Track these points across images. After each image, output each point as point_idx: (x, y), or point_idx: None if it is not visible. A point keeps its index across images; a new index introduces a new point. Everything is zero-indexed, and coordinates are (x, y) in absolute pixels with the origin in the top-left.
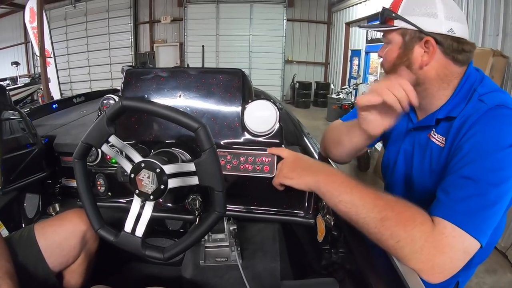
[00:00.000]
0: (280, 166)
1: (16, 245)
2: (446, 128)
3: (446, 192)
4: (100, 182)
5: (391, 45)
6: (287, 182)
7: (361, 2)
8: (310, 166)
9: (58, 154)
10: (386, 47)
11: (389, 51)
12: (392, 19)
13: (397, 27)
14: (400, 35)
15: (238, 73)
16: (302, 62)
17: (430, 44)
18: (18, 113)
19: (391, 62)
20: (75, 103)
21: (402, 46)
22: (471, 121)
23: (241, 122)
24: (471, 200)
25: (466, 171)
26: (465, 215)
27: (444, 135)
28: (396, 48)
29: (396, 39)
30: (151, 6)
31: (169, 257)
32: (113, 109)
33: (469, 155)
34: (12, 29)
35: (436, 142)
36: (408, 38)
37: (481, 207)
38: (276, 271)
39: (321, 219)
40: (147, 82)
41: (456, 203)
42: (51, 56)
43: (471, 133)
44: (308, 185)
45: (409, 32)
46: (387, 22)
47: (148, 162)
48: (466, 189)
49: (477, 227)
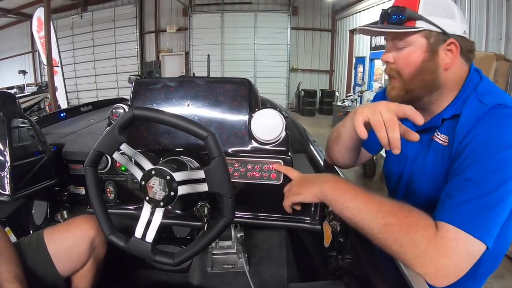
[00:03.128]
0: (288, 188)
1: (26, 250)
2: (449, 126)
3: (449, 196)
4: (110, 189)
5: (412, 49)
6: (296, 199)
7: (365, 10)
8: (316, 178)
9: (67, 162)
10: (401, 51)
11: (411, 55)
12: (413, 20)
13: (420, 28)
14: (424, 37)
15: (244, 83)
16: (307, 70)
17: (453, 46)
18: (28, 121)
19: (415, 67)
20: (82, 112)
21: (427, 49)
22: (472, 122)
23: (248, 130)
24: (473, 202)
25: (468, 173)
26: (467, 217)
27: (448, 134)
28: (420, 52)
29: (419, 42)
30: (156, 16)
31: (179, 262)
32: (125, 118)
33: (471, 156)
34: (20, 38)
35: (440, 141)
36: (433, 40)
37: (484, 208)
38: (283, 277)
39: (327, 225)
40: (156, 92)
41: (458, 206)
42: (58, 65)
43: (473, 134)
44: (315, 195)
45: (433, 34)
46: (405, 23)
47: (158, 170)
48: (468, 191)
49: (480, 228)
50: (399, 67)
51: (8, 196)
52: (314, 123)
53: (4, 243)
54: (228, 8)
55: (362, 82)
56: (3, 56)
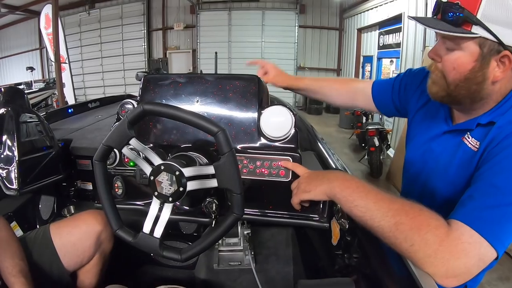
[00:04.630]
0: (296, 185)
1: (32, 245)
2: (482, 133)
3: (472, 198)
4: (118, 184)
5: (462, 54)
6: (306, 197)
7: (372, 8)
8: (325, 176)
9: (75, 157)
10: (451, 53)
11: (460, 60)
12: (470, 24)
13: (476, 35)
14: (477, 44)
15: (254, 79)
16: (314, 68)
17: (506, 59)
18: (36, 116)
19: (463, 74)
20: (90, 108)
21: (479, 58)
22: (507, 132)
23: (257, 127)
24: (497, 209)
25: (495, 180)
26: (487, 222)
27: (479, 139)
28: (471, 60)
29: (472, 49)
30: (164, 13)
31: (186, 258)
32: (135, 112)
33: (502, 163)
34: (27, 35)
35: (469, 145)
36: (486, 50)
37: (504, 218)
38: (289, 275)
39: (335, 223)
40: (165, 88)
41: (480, 210)
42: (66, 61)
43: (506, 144)
44: (325, 193)
45: (488, 43)
46: (461, 25)
47: (168, 165)
48: (494, 198)
49: (497, 237)
50: (446, 70)
51: (15, 190)
52: (321, 121)
53: (8, 237)
54: (235, 5)
55: None
56: (11, 52)
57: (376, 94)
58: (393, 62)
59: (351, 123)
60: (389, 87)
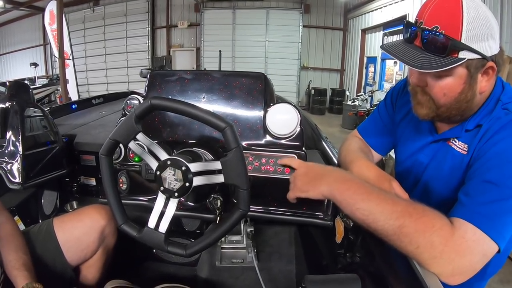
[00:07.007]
0: (293, 180)
1: (35, 238)
2: (470, 135)
3: (468, 195)
4: (122, 179)
5: (451, 80)
6: (303, 195)
7: (377, 9)
8: (323, 174)
9: (78, 152)
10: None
11: (450, 86)
12: (456, 51)
13: (463, 59)
14: (465, 67)
15: (260, 77)
16: (317, 68)
17: (490, 69)
18: (41, 110)
19: (453, 98)
20: (94, 104)
21: (467, 79)
22: (495, 128)
23: (263, 124)
24: (494, 204)
25: (489, 176)
26: (487, 218)
27: (467, 142)
28: (460, 83)
29: (460, 72)
30: (168, 11)
31: (191, 254)
32: (142, 107)
33: (493, 160)
34: (31, 31)
35: (457, 149)
36: (473, 69)
37: (503, 212)
38: (292, 273)
39: (339, 221)
40: (171, 84)
41: (478, 206)
42: (70, 58)
43: (496, 140)
44: (323, 195)
45: (474, 62)
46: (448, 54)
47: (174, 160)
48: (489, 193)
49: (498, 231)
50: (435, 97)
51: (19, 184)
52: (324, 121)
53: (12, 231)
54: (240, 4)
55: (373, 82)
56: (15, 48)
57: (372, 141)
58: (397, 63)
59: (354, 124)
60: (378, 120)
